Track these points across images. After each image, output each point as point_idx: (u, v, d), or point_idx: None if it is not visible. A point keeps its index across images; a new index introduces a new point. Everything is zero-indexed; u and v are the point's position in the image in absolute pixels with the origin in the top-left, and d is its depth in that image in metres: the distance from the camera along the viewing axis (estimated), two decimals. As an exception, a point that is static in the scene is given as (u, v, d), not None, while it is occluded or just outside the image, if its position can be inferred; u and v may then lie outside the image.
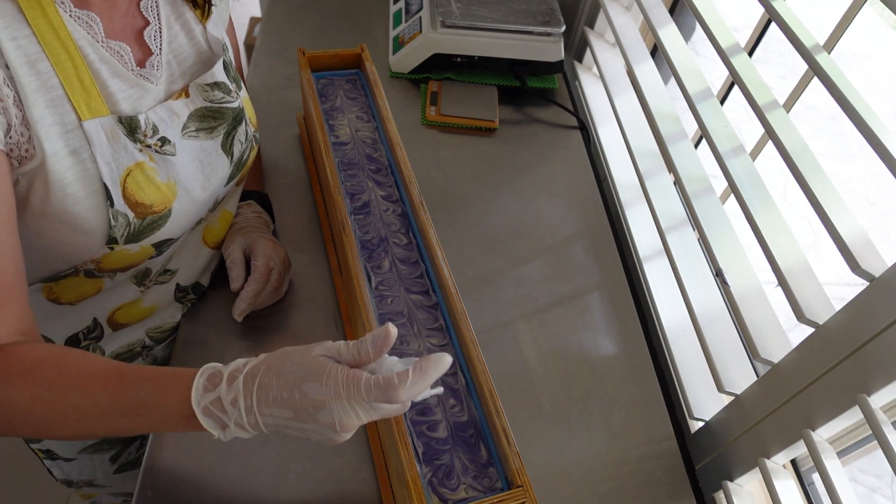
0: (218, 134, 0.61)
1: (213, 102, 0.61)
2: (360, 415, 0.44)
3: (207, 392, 0.45)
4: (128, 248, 0.56)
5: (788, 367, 0.60)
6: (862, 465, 1.74)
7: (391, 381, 0.43)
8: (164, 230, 0.58)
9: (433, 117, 1.01)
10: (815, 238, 2.31)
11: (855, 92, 0.58)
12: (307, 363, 0.45)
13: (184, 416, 0.45)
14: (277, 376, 0.45)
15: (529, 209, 0.92)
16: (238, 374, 0.45)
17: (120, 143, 0.52)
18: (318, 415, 0.43)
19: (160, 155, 0.56)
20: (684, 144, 0.83)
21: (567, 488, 0.67)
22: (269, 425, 0.45)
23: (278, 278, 0.71)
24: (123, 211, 0.53)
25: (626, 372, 0.76)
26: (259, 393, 0.44)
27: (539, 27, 1.02)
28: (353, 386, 0.43)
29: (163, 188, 0.56)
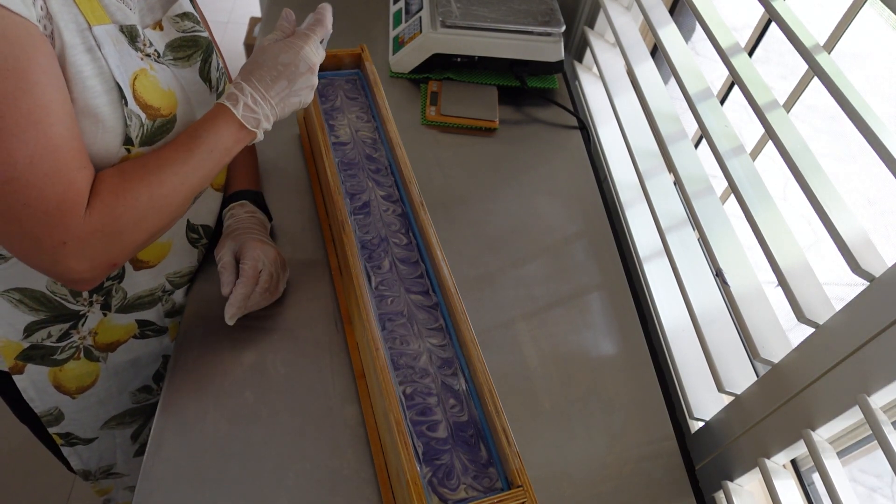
0: (195, 61, 0.66)
1: (186, 32, 0.66)
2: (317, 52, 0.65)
3: (237, 105, 0.60)
4: (142, 152, 0.59)
5: (788, 367, 0.60)
6: (862, 465, 1.74)
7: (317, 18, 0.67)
8: (173, 136, 0.62)
9: (433, 117, 1.01)
10: (815, 238, 2.31)
11: (855, 92, 0.58)
12: (269, 51, 0.63)
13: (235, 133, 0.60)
14: (262, 68, 0.62)
15: (529, 209, 0.92)
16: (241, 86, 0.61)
17: (125, 48, 0.56)
18: (300, 67, 0.63)
19: (158, 64, 0.61)
20: (684, 144, 0.83)
21: (567, 488, 0.67)
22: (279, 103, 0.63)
23: (269, 279, 0.71)
24: (136, 111, 0.57)
25: (626, 372, 0.76)
26: (262, 84, 0.62)
27: (539, 27, 1.02)
28: (303, 36, 0.64)
29: (166, 94, 0.60)
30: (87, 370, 0.76)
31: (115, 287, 0.70)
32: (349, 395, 0.69)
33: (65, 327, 0.70)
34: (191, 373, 0.69)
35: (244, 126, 0.60)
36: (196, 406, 0.66)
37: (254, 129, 0.61)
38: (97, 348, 0.74)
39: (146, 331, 0.78)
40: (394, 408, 0.53)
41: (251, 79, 0.61)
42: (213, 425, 0.65)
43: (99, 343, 0.74)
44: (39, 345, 0.70)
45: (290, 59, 0.63)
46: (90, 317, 0.70)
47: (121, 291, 0.71)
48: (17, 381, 0.72)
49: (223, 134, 0.60)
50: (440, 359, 0.60)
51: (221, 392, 0.68)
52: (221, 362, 0.70)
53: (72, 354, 0.73)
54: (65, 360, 0.73)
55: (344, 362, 0.72)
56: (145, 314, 0.75)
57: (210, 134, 0.59)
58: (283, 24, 0.67)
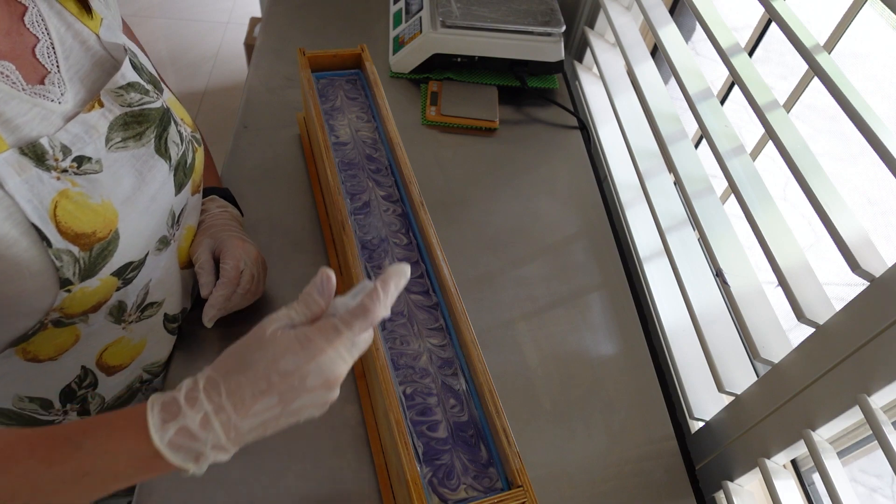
0: (149, 139, 0.56)
1: (133, 106, 0.55)
2: (346, 357, 0.42)
3: (167, 424, 0.39)
4: (87, 286, 0.51)
5: (789, 367, 0.60)
6: (862, 465, 1.74)
7: (363, 304, 0.42)
8: (119, 255, 0.52)
9: (433, 117, 1.01)
10: (815, 238, 2.31)
11: (855, 92, 0.58)
12: (269, 343, 0.41)
13: (143, 459, 0.39)
14: (244, 373, 0.41)
15: (529, 209, 0.92)
16: (196, 392, 0.40)
17: (33, 175, 0.46)
18: (308, 382, 0.41)
19: (83, 176, 0.50)
20: (684, 144, 0.83)
21: (567, 488, 0.67)
22: (255, 429, 0.41)
23: (250, 280, 0.67)
24: (65, 247, 0.48)
25: (626, 372, 0.76)
26: (232, 400, 0.40)
27: (539, 27, 1.02)
28: (331, 332, 0.41)
29: (99, 210, 0.50)
30: None
31: (90, 394, 0.64)
32: (349, 395, 0.69)
33: None
34: (190, 373, 0.69)
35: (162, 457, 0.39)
36: (196, 406, 0.66)
37: (183, 464, 0.40)
38: None
39: None
40: (394, 408, 0.53)
41: (220, 386, 0.40)
42: (213, 425, 0.65)
43: None
44: None
45: (297, 367, 0.41)
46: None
47: (97, 397, 0.65)
48: None
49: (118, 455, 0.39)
50: (440, 359, 0.60)
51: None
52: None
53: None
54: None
55: (344, 362, 0.72)
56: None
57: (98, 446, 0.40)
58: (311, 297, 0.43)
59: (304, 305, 0.43)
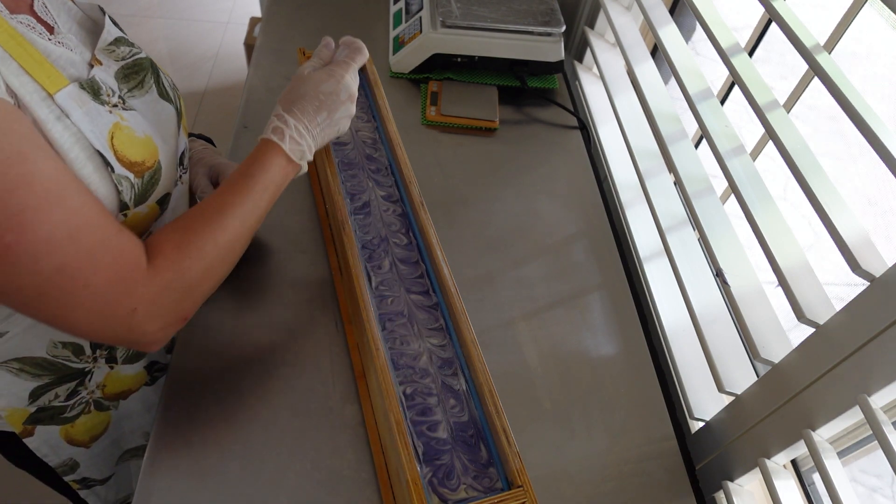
0: (150, 85, 0.61)
1: (126, 59, 0.59)
2: (355, 79, 0.65)
3: (283, 139, 0.59)
4: (139, 211, 0.56)
5: (789, 367, 0.60)
6: (862, 465, 1.74)
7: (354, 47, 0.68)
8: (161, 184, 0.58)
9: (433, 117, 1.01)
10: (815, 238, 2.31)
11: (855, 92, 0.58)
12: (309, 79, 0.63)
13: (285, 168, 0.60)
14: (303, 99, 0.61)
15: (529, 209, 0.92)
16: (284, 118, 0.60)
17: (92, 108, 0.51)
18: (341, 96, 0.63)
19: (127, 111, 0.56)
20: (684, 144, 0.83)
21: (567, 488, 0.67)
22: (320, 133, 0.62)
23: None
24: (124, 174, 0.53)
25: (626, 372, 0.76)
26: (306, 116, 0.61)
27: (539, 27, 1.02)
28: (343, 64, 0.65)
29: (145, 143, 0.56)
30: (98, 420, 0.74)
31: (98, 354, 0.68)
32: (349, 395, 0.69)
33: (71, 385, 0.68)
34: (191, 373, 0.69)
35: (291, 160, 0.60)
36: (196, 406, 0.66)
37: (299, 161, 0.61)
38: (107, 399, 0.73)
39: (154, 374, 0.77)
40: (394, 408, 0.53)
41: (293, 110, 0.61)
42: (212, 425, 0.65)
43: (108, 394, 0.72)
44: (47, 406, 0.68)
45: (332, 88, 0.63)
46: (96, 372, 0.69)
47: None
48: (28, 443, 0.70)
49: (274, 170, 0.59)
50: (440, 359, 0.60)
51: (221, 392, 0.68)
52: (221, 362, 0.70)
53: (82, 410, 0.71)
54: (75, 416, 0.71)
55: (344, 362, 0.72)
56: (150, 356, 0.75)
57: (262, 172, 0.58)
58: (323, 51, 0.67)
59: (318, 58, 0.67)
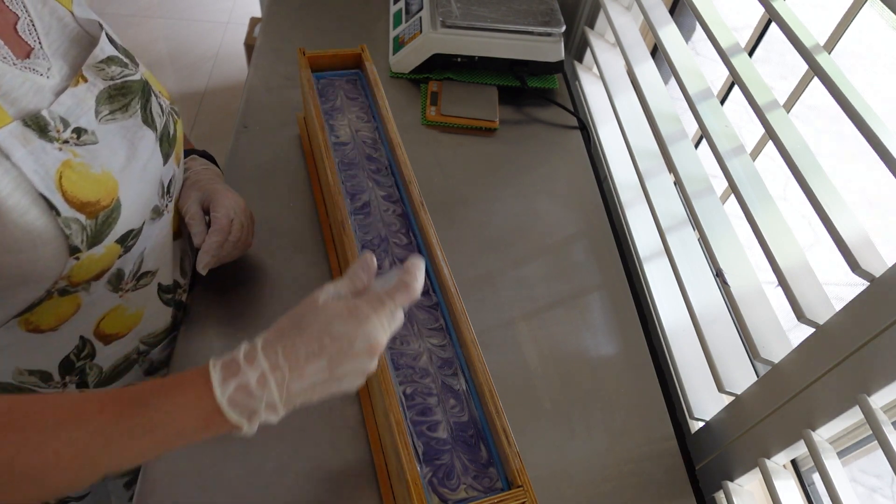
0: (135, 110, 0.57)
1: (115, 79, 0.56)
2: (387, 328, 0.46)
3: (228, 381, 0.42)
4: (93, 253, 0.52)
5: (789, 367, 0.60)
6: (862, 465, 1.74)
7: (403, 281, 0.47)
8: (122, 222, 0.54)
9: (433, 117, 1.01)
10: (815, 238, 2.31)
11: (855, 92, 0.58)
12: (321, 311, 0.45)
13: (204, 416, 0.42)
14: (299, 335, 0.44)
15: (529, 209, 0.92)
16: (254, 351, 0.44)
17: (37, 146, 0.48)
18: (355, 346, 0.44)
19: (82, 147, 0.51)
20: (684, 144, 0.83)
21: (567, 488, 0.67)
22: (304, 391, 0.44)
23: (240, 229, 0.69)
24: (73, 216, 0.49)
25: (626, 372, 0.76)
26: (288, 360, 0.43)
27: (539, 27, 1.02)
28: (377, 303, 0.46)
29: (101, 180, 0.52)
30: None
31: (87, 365, 0.65)
32: (349, 396, 0.69)
33: None
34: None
35: (222, 413, 0.42)
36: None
37: (238, 420, 0.42)
38: None
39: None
40: (394, 408, 0.53)
41: (276, 347, 0.43)
42: (213, 425, 0.65)
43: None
44: None
45: (347, 332, 0.44)
46: None
47: (95, 368, 0.66)
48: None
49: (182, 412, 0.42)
50: (440, 359, 0.60)
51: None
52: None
53: None
54: None
55: (344, 362, 0.72)
56: (125, 380, 0.71)
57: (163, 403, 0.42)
58: (357, 273, 0.49)
59: (349, 281, 0.48)
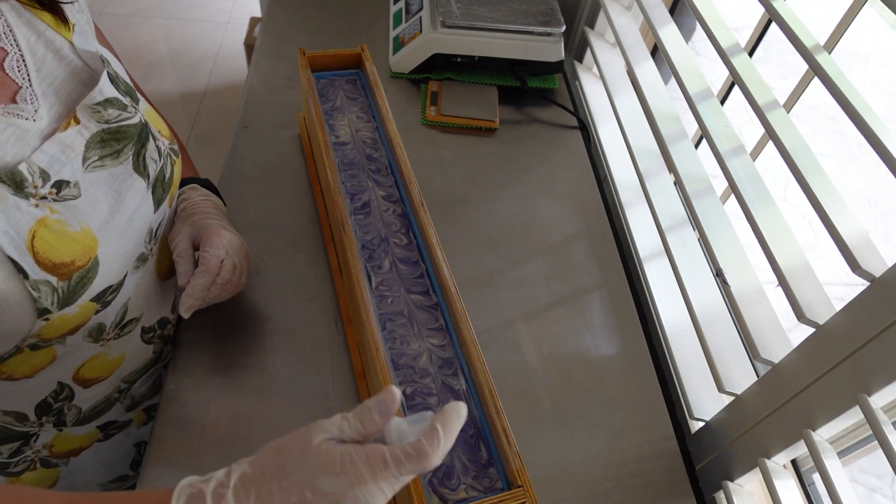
0: (126, 157, 0.53)
1: (110, 123, 0.53)
2: (387, 492, 0.39)
3: None
4: (65, 313, 0.49)
5: (789, 367, 0.60)
6: (862, 465, 1.74)
7: (421, 447, 0.38)
8: (98, 281, 0.51)
9: (433, 117, 1.01)
10: (815, 238, 2.31)
11: (855, 92, 0.58)
12: (311, 455, 0.38)
13: None
14: (278, 481, 0.38)
15: (529, 209, 0.92)
16: (224, 490, 0.38)
17: (10, 204, 0.44)
18: None
19: (62, 202, 0.48)
20: (684, 144, 0.83)
21: (567, 488, 0.67)
22: None
23: (231, 270, 0.63)
24: (43, 278, 0.46)
25: (626, 372, 0.76)
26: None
27: (539, 27, 1.02)
28: (379, 465, 0.38)
29: (78, 238, 0.48)
30: (45, 475, 0.68)
31: (66, 406, 0.63)
32: (349, 395, 0.69)
33: (15, 446, 0.63)
34: (191, 374, 0.69)
35: None
36: (196, 406, 0.66)
37: None
38: (55, 457, 0.67)
39: (110, 431, 0.71)
40: (394, 408, 0.53)
41: (251, 489, 0.38)
42: (213, 425, 0.65)
43: (56, 452, 0.67)
44: None
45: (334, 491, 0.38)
46: (42, 434, 0.64)
47: (73, 408, 0.64)
48: None
49: None
50: (440, 359, 0.60)
51: (221, 392, 0.68)
52: (221, 362, 0.70)
53: (27, 467, 0.66)
54: (20, 472, 0.66)
55: (344, 362, 0.72)
56: (105, 418, 0.69)
57: None
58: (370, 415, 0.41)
59: (358, 421, 0.40)
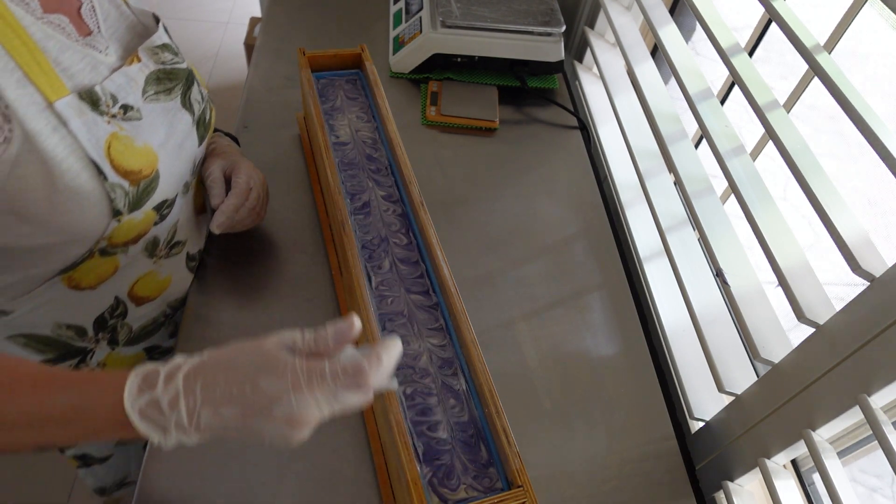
0: (176, 94, 0.63)
1: (165, 64, 0.62)
2: (323, 406, 0.42)
3: (142, 393, 0.42)
4: (133, 217, 0.57)
5: (789, 367, 0.60)
6: (862, 465, 1.74)
7: (360, 365, 0.42)
8: (159, 192, 0.59)
9: (433, 117, 1.01)
10: (815, 238, 2.31)
11: (855, 92, 0.58)
12: (260, 355, 0.42)
13: (118, 421, 0.42)
14: (226, 372, 0.42)
15: (529, 209, 0.92)
16: (177, 371, 0.42)
17: (90, 118, 0.52)
18: (273, 409, 0.41)
19: (127, 122, 0.56)
20: (684, 144, 0.83)
21: (567, 488, 0.67)
22: (215, 427, 0.42)
23: (256, 199, 0.73)
24: (118, 182, 0.54)
25: (626, 372, 0.76)
26: (203, 392, 0.41)
27: (539, 27, 1.02)
28: (316, 375, 0.41)
29: (143, 152, 0.57)
30: None
31: (119, 323, 0.70)
32: (349, 395, 0.69)
33: (73, 362, 0.70)
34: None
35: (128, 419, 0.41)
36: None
37: (151, 433, 0.42)
38: None
39: (154, 355, 0.79)
40: (394, 408, 0.53)
41: (199, 375, 0.42)
42: (213, 425, 0.65)
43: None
44: None
45: (270, 390, 0.41)
46: (98, 351, 0.71)
47: (126, 326, 0.71)
48: None
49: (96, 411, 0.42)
50: (440, 359, 0.60)
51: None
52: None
53: None
54: None
55: (344, 362, 0.72)
56: (151, 340, 0.77)
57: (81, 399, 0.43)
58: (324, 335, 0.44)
59: (312, 340, 0.44)
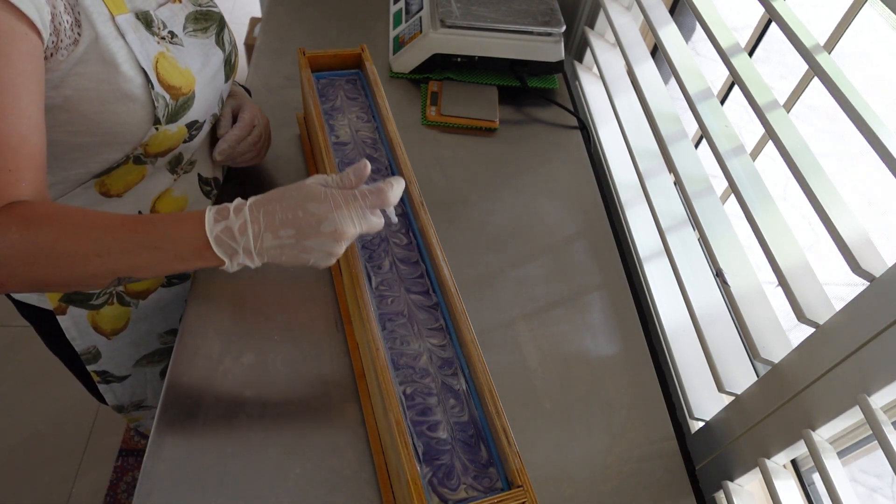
0: (211, 33, 0.71)
1: (202, 6, 0.71)
2: (356, 222, 0.53)
3: (218, 222, 0.52)
4: (168, 129, 0.64)
5: (789, 367, 0.60)
6: (862, 465, 1.74)
7: (380, 186, 0.55)
8: (193, 111, 0.66)
9: (433, 117, 1.01)
10: (815, 238, 2.31)
11: (855, 92, 0.58)
12: (304, 189, 0.53)
13: (197, 247, 0.51)
14: (280, 202, 0.52)
15: (529, 209, 0.92)
16: (242, 206, 0.52)
17: (143, 34, 0.61)
18: (321, 227, 0.52)
19: (174, 46, 0.65)
20: (684, 144, 0.83)
21: (567, 488, 0.67)
22: (274, 248, 0.52)
23: (258, 137, 0.80)
24: (161, 93, 0.62)
25: (626, 372, 0.76)
26: (265, 218, 0.52)
27: (539, 27, 1.02)
28: (350, 196, 0.54)
29: (184, 73, 0.64)
30: (120, 313, 0.83)
31: None
32: (349, 395, 0.69)
33: None
34: (191, 373, 0.69)
35: (209, 247, 0.51)
36: (196, 406, 0.66)
37: (223, 256, 0.52)
38: (128, 295, 0.82)
39: (172, 279, 0.85)
40: (394, 408, 0.53)
41: (259, 207, 0.53)
42: (213, 425, 0.65)
43: (130, 290, 0.82)
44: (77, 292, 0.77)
45: (317, 212, 0.52)
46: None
47: None
48: (60, 321, 0.79)
49: (181, 239, 0.52)
50: (440, 359, 0.60)
51: (222, 392, 0.68)
52: (221, 362, 0.70)
53: (106, 300, 0.80)
54: (100, 304, 0.80)
55: (344, 362, 0.72)
56: None
57: (168, 229, 0.52)
58: (348, 174, 0.56)
59: (339, 177, 0.56)
